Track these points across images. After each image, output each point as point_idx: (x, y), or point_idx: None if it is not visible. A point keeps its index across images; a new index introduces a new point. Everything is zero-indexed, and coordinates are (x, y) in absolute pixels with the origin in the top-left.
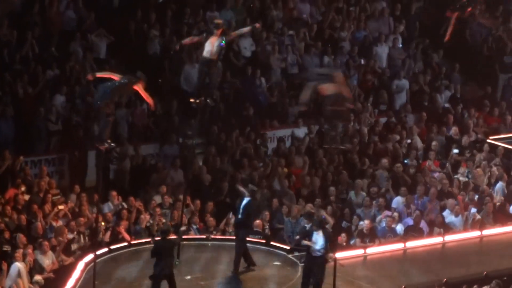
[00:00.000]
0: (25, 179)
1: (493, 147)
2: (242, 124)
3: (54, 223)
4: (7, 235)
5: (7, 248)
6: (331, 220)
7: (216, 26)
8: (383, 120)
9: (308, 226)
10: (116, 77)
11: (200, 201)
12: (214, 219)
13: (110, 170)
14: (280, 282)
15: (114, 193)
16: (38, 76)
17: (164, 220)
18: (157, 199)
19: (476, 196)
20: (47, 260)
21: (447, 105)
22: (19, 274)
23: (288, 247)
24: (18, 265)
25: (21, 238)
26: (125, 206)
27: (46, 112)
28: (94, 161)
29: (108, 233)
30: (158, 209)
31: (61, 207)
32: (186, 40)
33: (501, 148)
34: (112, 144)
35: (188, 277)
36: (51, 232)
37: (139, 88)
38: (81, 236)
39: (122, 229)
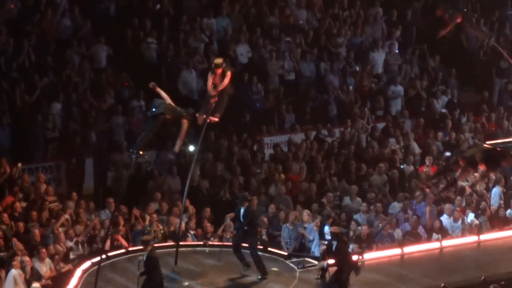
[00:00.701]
0: (22, 186)
1: None
2: (239, 130)
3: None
4: (4, 242)
5: (3, 255)
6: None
7: (215, 66)
8: (380, 125)
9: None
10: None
11: (198, 208)
12: (212, 225)
13: (108, 177)
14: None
15: (111, 200)
16: (35, 84)
17: (161, 227)
18: (154, 206)
19: (475, 201)
20: (45, 268)
21: (444, 110)
22: (15, 282)
23: (285, 253)
24: (14, 272)
25: (18, 245)
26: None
27: (43, 120)
28: (91, 168)
29: (108, 241)
30: (155, 216)
31: (66, 216)
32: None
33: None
34: (144, 157)
35: (186, 283)
36: (48, 240)
37: (185, 123)
38: (79, 243)
39: (119, 236)
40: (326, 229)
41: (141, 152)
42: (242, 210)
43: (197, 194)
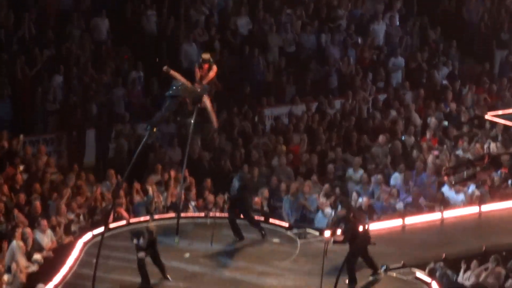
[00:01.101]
0: (25, 158)
1: (492, 124)
2: (239, 102)
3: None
4: (5, 214)
5: (3, 227)
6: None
7: (203, 61)
8: (381, 97)
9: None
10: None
11: (199, 179)
12: (213, 196)
13: (109, 149)
14: (279, 258)
15: (112, 171)
16: (36, 57)
17: (161, 198)
18: (155, 177)
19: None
20: (46, 239)
21: (445, 82)
22: (16, 253)
23: (287, 225)
24: (15, 244)
25: (20, 216)
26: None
27: (44, 93)
28: (92, 141)
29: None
30: (155, 187)
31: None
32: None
33: (500, 124)
34: (157, 134)
35: (187, 254)
36: (50, 212)
37: (207, 100)
38: (80, 215)
39: (121, 208)
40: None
41: (154, 130)
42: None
43: (198, 166)
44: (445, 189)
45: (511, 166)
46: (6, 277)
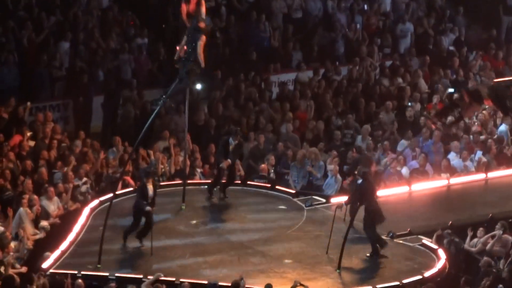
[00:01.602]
0: (33, 125)
1: None
2: (246, 68)
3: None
4: (11, 181)
5: (10, 194)
6: None
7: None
8: (387, 63)
9: None
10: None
11: (205, 146)
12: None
13: (115, 116)
14: (286, 225)
15: (118, 138)
16: (42, 23)
17: (166, 165)
18: (162, 144)
19: (482, 137)
20: (53, 206)
21: (451, 48)
22: (23, 220)
23: (293, 191)
24: (21, 211)
25: (28, 184)
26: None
27: (51, 59)
28: (99, 107)
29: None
30: (161, 154)
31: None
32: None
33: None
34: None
35: (194, 221)
36: (57, 178)
37: (202, 41)
38: (87, 182)
39: (126, 175)
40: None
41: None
42: (231, 142)
43: (204, 133)
44: (452, 156)
45: (494, 97)
46: (13, 244)
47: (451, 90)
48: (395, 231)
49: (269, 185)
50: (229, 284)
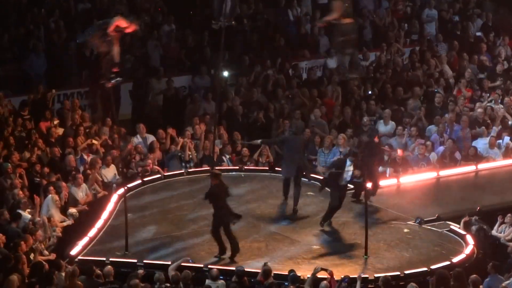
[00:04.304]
0: (62, 112)
1: None
2: (274, 54)
3: (85, 157)
4: (39, 168)
5: (38, 180)
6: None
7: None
8: (414, 49)
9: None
10: None
11: (232, 132)
12: (248, 149)
13: (144, 102)
14: (314, 212)
15: (142, 125)
16: (70, 10)
17: (194, 151)
18: (190, 130)
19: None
20: (81, 193)
21: (479, 33)
22: (51, 207)
23: (321, 177)
24: (50, 198)
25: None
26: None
27: (78, 46)
28: (127, 94)
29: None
30: (190, 140)
31: (94, 141)
32: None
33: None
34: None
35: None
36: (82, 164)
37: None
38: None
39: (155, 161)
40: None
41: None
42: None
43: (233, 119)
44: (479, 143)
45: None
46: (41, 232)
47: (481, 75)
48: (423, 217)
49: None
50: (256, 271)
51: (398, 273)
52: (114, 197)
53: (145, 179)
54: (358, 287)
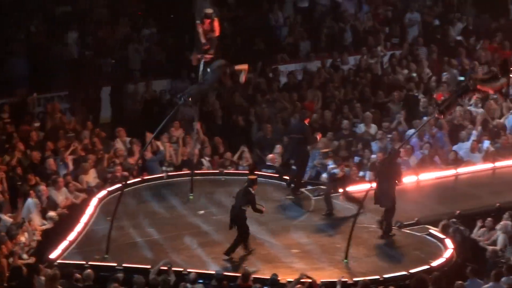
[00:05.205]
0: (43, 116)
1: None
2: (253, 58)
3: (66, 160)
4: (20, 171)
5: (19, 184)
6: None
7: (205, 16)
8: (395, 53)
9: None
10: None
11: (212, 136)
12: (231, 153)
13: (124, 106)
14: (293, 215)
15: (120, 129)
16: (51, 13)
17: (174, 154)
18: (169, 134)
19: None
20: (61, 196)
21: (459, 37)
22: (31, 211)
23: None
24: (30, 202)
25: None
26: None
27: (59, 49)
28: (108, 98)
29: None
30: (168, 143)
31: (76, 144)
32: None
33: None
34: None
35: (201, 211)
36: (65, 169)
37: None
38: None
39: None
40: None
41: (189, 99)
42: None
43: (212, 122)
44: (459, 147)
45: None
46: (22, 235)
47: (460, 78)
48: (402, 221)
49: (277, 175)
50: (236, 274)
51: (377, 277)
52: (94, 201)
53: (125, 182)
54: None
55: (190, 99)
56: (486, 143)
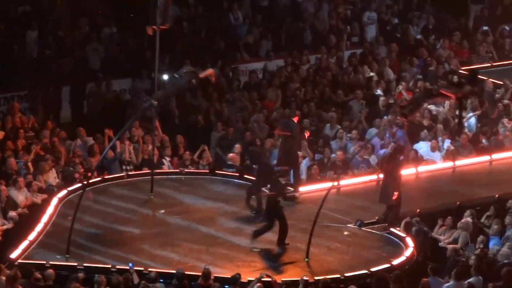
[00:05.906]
0: (3, 116)
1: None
2: (214, 57)
3: (26, 160)
4: None
5: None
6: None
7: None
8: (355, 52)
9: None
10: None
11: (172, 135)
12: (190, 152)
13: (84, 106)
14: (254, 215)
15: (81, 129)
16: (10, 13)
17: (133, 154)
18: (129, 133)
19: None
20: (21, 196)
21: (419, 36)
22: None
23: None
24: None
25: None
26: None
27: (19, 49)
28: (68, 97)
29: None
30: (128, 142)
31: (37, 148)
32: None
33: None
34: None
35: (162, 211)
36: (25, 169)
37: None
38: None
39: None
40: None
41: (155, 103)
42: None
43: (171, 122)
44: (420, 146)
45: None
46: None
47: (419, 77)
48: (363, 220)
49: (237, 174)
50: (196, 274)
51: (338, 275)
52: (54, 200)
53: (86, 182)
54: None
55: (156, 103)
56: (447, 142)
